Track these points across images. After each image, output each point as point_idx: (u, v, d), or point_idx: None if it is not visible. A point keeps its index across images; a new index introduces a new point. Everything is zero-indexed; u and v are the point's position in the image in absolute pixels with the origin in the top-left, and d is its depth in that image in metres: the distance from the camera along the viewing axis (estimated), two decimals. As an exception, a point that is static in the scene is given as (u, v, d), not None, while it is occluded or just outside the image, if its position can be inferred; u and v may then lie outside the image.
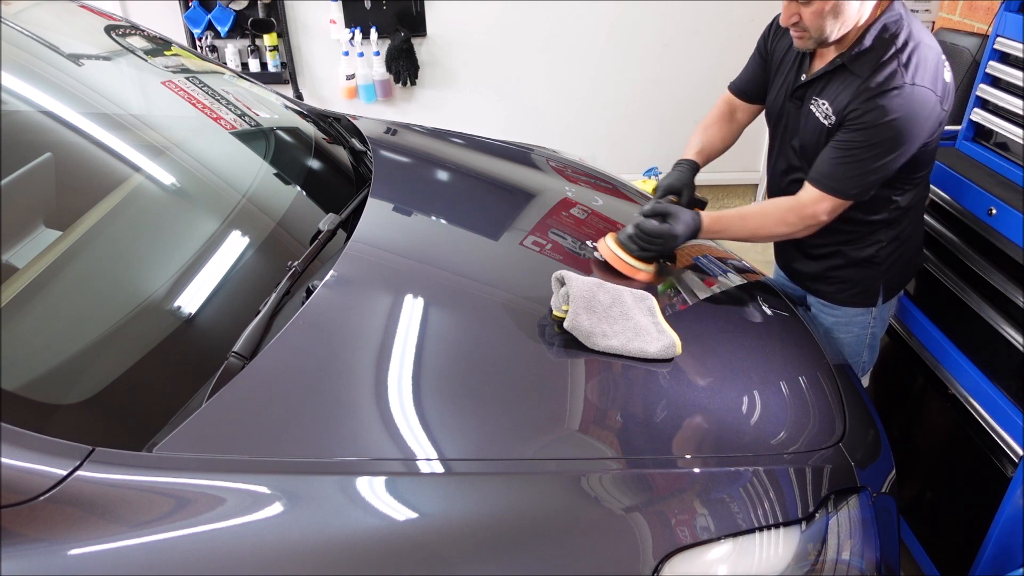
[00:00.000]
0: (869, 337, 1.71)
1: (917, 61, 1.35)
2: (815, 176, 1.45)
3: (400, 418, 1.05)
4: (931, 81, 1.35)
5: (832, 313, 1.69)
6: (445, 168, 1.91)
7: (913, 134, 1.36)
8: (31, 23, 1.56)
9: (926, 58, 1.36)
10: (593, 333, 1.23)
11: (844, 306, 1.66)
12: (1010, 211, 1.49)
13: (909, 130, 1.35)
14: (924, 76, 1.34)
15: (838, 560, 1.09)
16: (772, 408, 1.24)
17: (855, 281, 1.63)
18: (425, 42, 3.60)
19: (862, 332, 1.69)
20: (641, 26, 3.57)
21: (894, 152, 1.37)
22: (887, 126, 1.34)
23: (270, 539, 0.89)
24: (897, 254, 1.59)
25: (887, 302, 1.66)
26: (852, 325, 1.68)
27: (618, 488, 1.03)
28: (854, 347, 1.71)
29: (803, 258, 1.71)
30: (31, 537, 0.83)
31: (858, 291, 1.63)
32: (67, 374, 1.02)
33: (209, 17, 3.43)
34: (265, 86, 2.03)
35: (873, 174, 1.40)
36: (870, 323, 1.67)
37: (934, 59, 1.37)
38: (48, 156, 1.23)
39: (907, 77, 1.34)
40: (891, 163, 1.39)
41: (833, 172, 1.42)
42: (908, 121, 1.34)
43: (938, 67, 1.37)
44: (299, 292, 1.23)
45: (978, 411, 1.59)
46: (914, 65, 1.34)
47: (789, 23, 1.42)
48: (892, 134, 1.35)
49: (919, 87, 1.34)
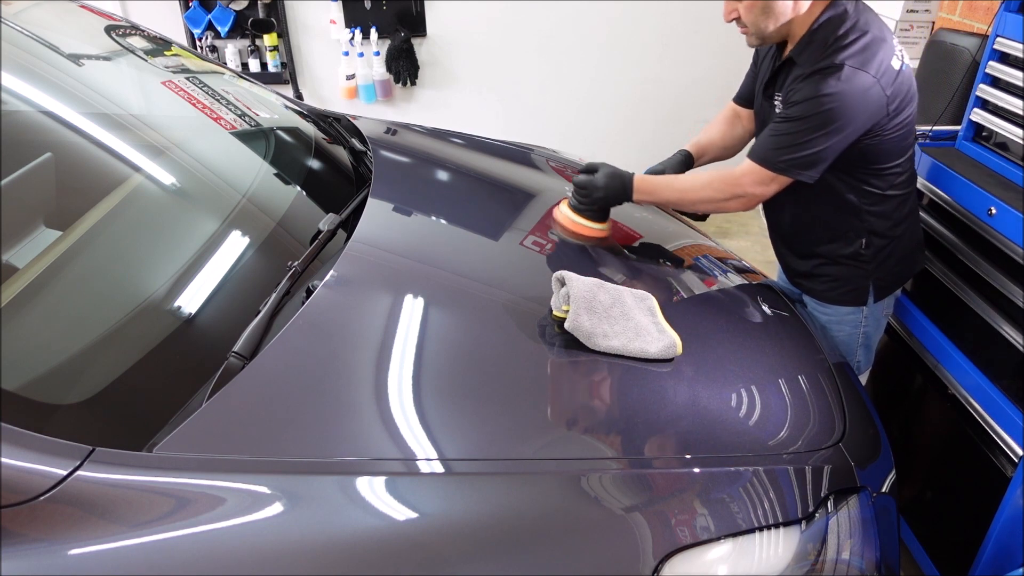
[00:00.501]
0: (862, 337, 1.71)
1: (857, 48, 1.37)
2: (754, 148, 1.50)
3: (400, 418, 1.05)
4: (870, 66, 1.36)
5: (824, 312, 1.70)
6: (445, 168, 1.91)
7: (846, 115, 1.37)
8: (31, 23, 1.56)
9: (868, 46, 1.38)
10: (594, 334, 1.23)
11: (834, 304, 1.67)
12: (1010, 211, 1.49)
13: (840, 109, 1.36)
14: (862, 61, 1.36)
15: (838, 560, 1.09)
16: (772, 408, 1.24)
17: (843, 279, 1.63)
18: (425, 42, 3.60)
19: (854, 331, 1.70)
20: (641, 26, 3.57)
21: (823, 130, 1.38)
22: (816, 101, 1.37)
23: (270, 539, 0.89)
24: (885, 254, 1.59)
25: (878, 302, 1.66)
26: (844, 324, 1.69)
27: (618, 488, 1.03)
28: (847, 346, 1.72)
29: (793, 256, 1.73)
30: (31, 537, 0.83)
31: (847, 289, 1.64)
32: (67, 374, 1.02)
33: (209, 17, 3.43)
34: (265, 86, 2.03)
35: (802, 149, 1.40)
36: (861, 322, 1.68)
37: (879, 47, 1.39)
38: (48, 156, 1.23)
39: (842, 59, 1.36)
40: (822, 142, 1.39)
41: (762, 144, 1.47)
42: (839, 100, 1.35)
43: (882, 55, 1.38)
44: (299, 292, 1.23)
45: (978, 411, 1.59)
46: (853, 51, 1.37)
47: (729, 19, 1.49)
48: (821, 110, 1.36)
49: (854, 69, 1.35)
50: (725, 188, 1.51)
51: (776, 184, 1.47)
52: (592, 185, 1.56)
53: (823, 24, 1.42)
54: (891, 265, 1.62)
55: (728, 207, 1.54)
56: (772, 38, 1.49)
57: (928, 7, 2.40)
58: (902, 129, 1.45)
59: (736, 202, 1.52)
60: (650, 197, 1.59)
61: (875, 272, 1.61)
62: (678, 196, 1.58)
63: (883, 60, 1.38)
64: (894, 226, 1.57)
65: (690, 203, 1.58)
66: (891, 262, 1.61)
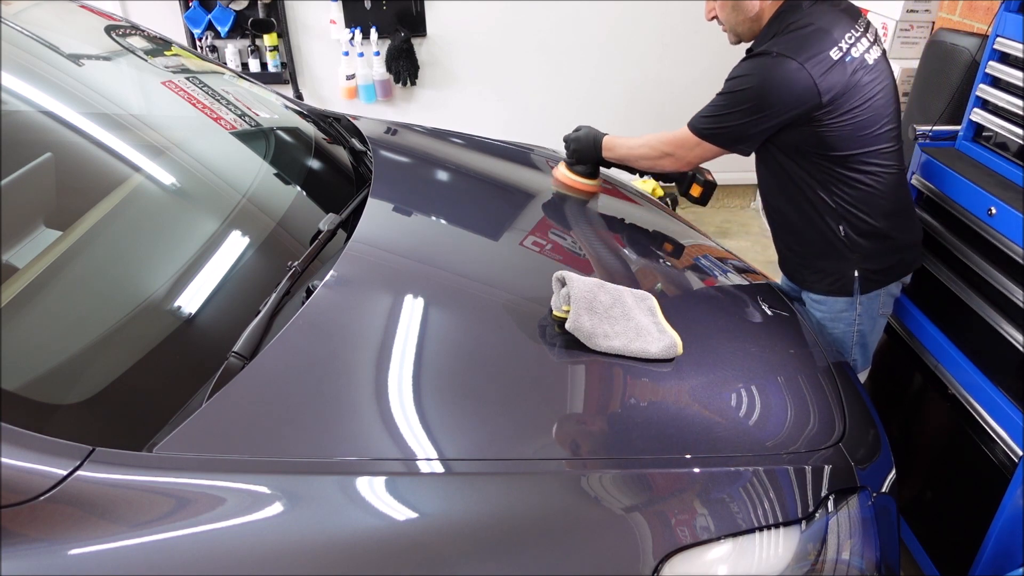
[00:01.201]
0: (856, 335, 1.72)
1: (792, 37, 1.46)
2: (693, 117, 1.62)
3: (400, 418, 1.05)
4: (799, 53, 1.43)
5: (819, 308, 1.73)
6: (445, 168, 1.91)
7: (766, 98, 1.46)
8: (31, 23, 1.56)
9: (805, 36, 1.45)
10: (595, 334, 1.23)
11: (825, 295, 1.71)
12: (1010, 211, 1.49)
13: (759, 91, 1.47)
14: (792, 48, 1.43)
15: (838, 560, 1.09)
16: (772, 408, 1.24)
17: (829, 269, 1.68)
18: (425, 42, 3.60)
19: (848, 329, 1.71)
20: (641, 26, 3.57)
21: (742, 106, 1.49)
22: (739, 80, 1.50)
23: (270, 539, 0.89)
24: (868, 245, 1.61)
25: (867, 295, 1.67)
26: (838, 321, 1.71)
27: (618, 488, 1.03)
28: (843, 344, 1.73)
29: (785, 246, 1.80)
30: (31, 537, 0.83)
31: (834, 279, 1.68)
32: (67, 374, 1.02)
33: (209, 17, 3.43)
34: (265, 86, 2.03)
35: (723, 121, 1.54)
36: (855, 320, 1.70)
37: (816, 37, 1.45)
38: (48, 156, 1.23)
39: (771, 45, 1.46)
40: (741, 118, 1.50)
41: (698, 112, 1.60)
42: (758, 82, 1.47)
43: (819, 44, 1.44)
44: (299, 292, 1.23)
45: (978, 411, 1.59)
46: (786, 39, 1.46)
47: (709, 18, 1.66)
48: (741, 89, 1.49)
49: (780, 56, 1.43)
50: (659, 147, 1.69)
51: (701, 149, 1.61)
52: (570, 139, 1.85)
53: (776, 17, 1.53)
54: (879, 258, 1.63)
55: (662, 164, 1.71)
56: (745, 35, 1.61)
57: (928, 7, 2.40)
58: (856, 118, 1.49)
59: (667, 160, 1.69)
60: (610, 152, 1.79)
61: (860, 263, 1.63)
62: (626, 152, 1.76)
63: (818, 49, 1.43)
64: (870, 217, 1.59)
65: (635, 159, 1.76)
66: (877, 255, 1.63)
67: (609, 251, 1.60)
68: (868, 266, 1.63)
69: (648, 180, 3.75)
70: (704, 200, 1.84)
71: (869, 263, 1.63)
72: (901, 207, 1.64)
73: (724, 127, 1.54)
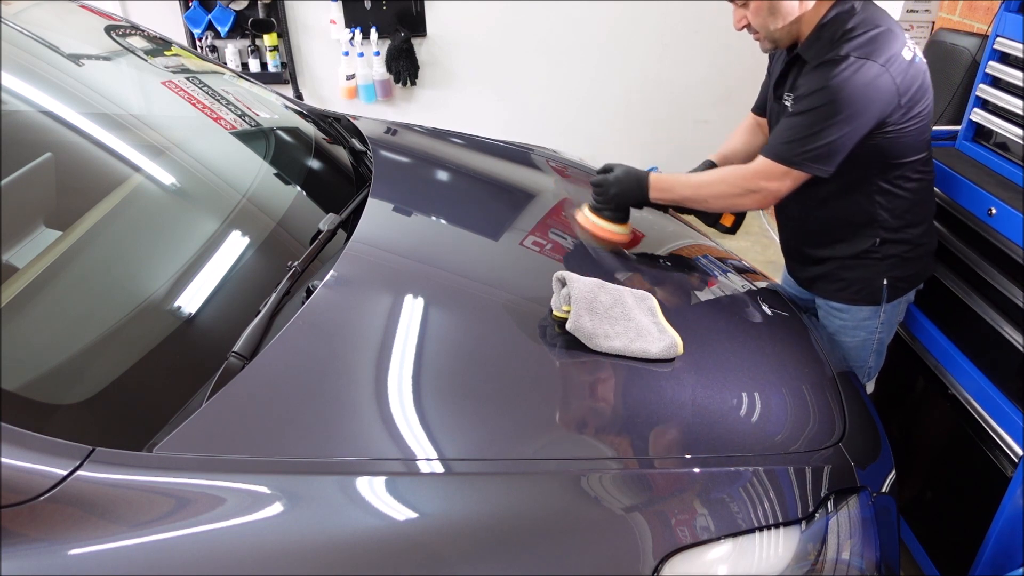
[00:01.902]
0: (876, 343, 1.69)
1: (865, 40, 1.37)
2: (767, 146, 1.48)
3: (400, 418, 1.05)
4: (878, 56, 1.36)
5: (840, 316, 1.67)
6: (445, 168, 1.91)
7: (853, 103, 1.36)
8: (31, 23, 1.56)
9: (876, 37, 1.37)
10: (595, 335, 1.23)
11: (849, 304, 1.65)
12: (1010, 211, 1.49)
13: (848, 98, 1.35)
14: (869, 51, 1.36)
15: (838, 560, 1.09)
16: (772, 408, 1.24)
17: (855, 279, 1.62)
18: (425, 42, 3.60)
19: (869, 336, 1.67)
20: (641, 26, 3.57)
21: (832, 119, 1.36)
22: (823, 92, 1.36)
23: (270, 539, 0.89)
24: (899, 253, 1.58)
25: (891, 303, 1.63)
26: (859, 329, 1.66)
27: (618, 488, 1.03)
28: (860, 352, 1.69)
29: (807, 256, 1.71)
30: (31, 537, 0.83)
31: (860, 288, 1.61)
32: (67, 374, 1.02)
33: (209, 17, 3.43)
34: (265, 86, 2.03)
35: (813, 141, 1.39)
36: (877, 328, 1.66)
37: (889, 40, 1.38)
38: (48, 156, 1.23)
39: (847, 50, 1.36)
40: (832, 132, 1.37)
41: (775, 139, 1.46)
42: (845, 88, 1.35)
43: (892, 45, 1.38)
44: (299, 292, 1.23)
45: (978, 411, 1.59)
46: (859, 42, 1.36)
47: (740, 27, 1.52)
48: (828, 100, 1.36)
49: (860, 59, 1.35)
50: (740, 183, 1.49)
51: (790, 179, 1.45)
52: (607, 182, 1.58)
53: (831, 20, 1.42)
54: (906, 266, 1.60)
55: (743, 203, 1.53)
56: (783, 40, 1.49)
57: (928, 7, 2.40)
58: (919, 122, 1.45)
59: (750, 198, 1.50)
60: (666, 194, 1.57)
61: (888, 271, 1.58)
62: (693, 192, 1.55)
63: (893, 50, 1.37)
64: (908, 226, 1.55)
65: (704, 199, 1.56)
66: (905, 263, 1.59)
67: (609, 251, 1.60)
68: (896, 274, 1.59)
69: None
70: (735, 229, 1.69)
71: (897, 271, 1.59)
72: (931, 214, 1.62)
73: (817, 147, 1.39)
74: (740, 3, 1.47)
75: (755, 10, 1.45)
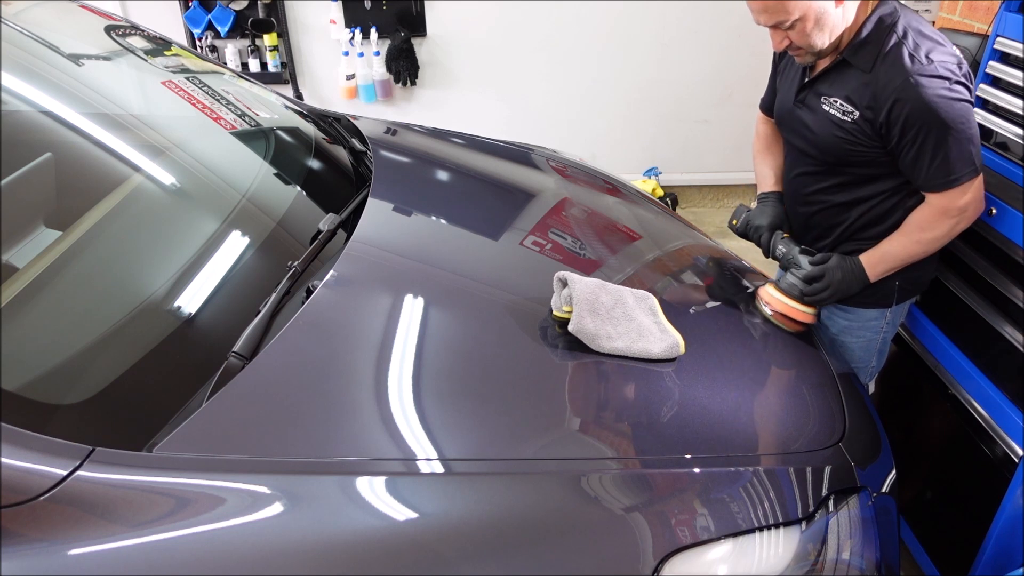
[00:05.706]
0: (881, 343, 1.68)
1: (920, 43, 1.37)
2: (926, 184, 1.43)
3: (400, 418, 1.05)
4: (943, 55, 1.37)
5: (845, 317, 1.66)
6: (445, 168, 1.91)
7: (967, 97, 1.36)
8: (31, 23, 1.56)
9: (927, 39, 1.38)
10: (598, 335, 1.23)
11: (858, 308, 1.64)
12: (1010, 211, 1.49)
13: (963, 95, 1.36)
14: (935, 54, 1.36)
15: (838, 560, 1.09)
16: (772, 408, 1.24)
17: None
18: (425, 42, 3.60)
19: (874, 337, 1.67)
20: (641, 26, 3.57)
21: (966, 120, 1.36)
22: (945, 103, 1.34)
23: (270, 539, 0.89)
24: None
25: (899, 305, 1.63)
26: (865, 329, 1.66)
27: (618, 488, 1.03)
28: (864, 352, 1.69)
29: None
30: (31, 537, 0.83)
31: (874, 290, 1.59)
32: (67, 374, 1.02)
33: (209, 17, 3.43)
34: (265, 86, 2.03)
35: (969, 145, 1.38)
36: (883, 328, 1.65)
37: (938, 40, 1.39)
38: (48, 156, 1.23)
39: (922, 57, 1.36)
40: (971, 128, 1.37)
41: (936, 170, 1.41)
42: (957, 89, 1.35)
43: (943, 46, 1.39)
44: (299, 292, 1.23)
45: (978, 411, 1.59)
46: (925, 49, 1.36)
47: (781, 48, 1.46)
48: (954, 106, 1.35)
49: (936, 64, 1.35)
50: (942, 219, 1.46)
51: (975, 189, 1.43)
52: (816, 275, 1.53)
53: (876, 25, 1.41)
54: (919, 268, 1.58)
55: (956, 231, 1.49)
56: (827, 51, 1.45)
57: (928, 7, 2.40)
58: None
59: (962, 224, 1.47)
60: (882, 266, 1.54)
61: (903, 273, 1.57)
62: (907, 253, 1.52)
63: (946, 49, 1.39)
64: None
65: (921, 253, 1.52)
66: (919, 266, 1.57)
67: (609, 251, 1.60)
68: (908, 274, 1.58)
69: (648, 180, 3.77)
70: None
71: (910, 273, 1.58)
72: None
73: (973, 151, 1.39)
74: (785, 27, 1.40)
75: (800, 30, 1.40)
